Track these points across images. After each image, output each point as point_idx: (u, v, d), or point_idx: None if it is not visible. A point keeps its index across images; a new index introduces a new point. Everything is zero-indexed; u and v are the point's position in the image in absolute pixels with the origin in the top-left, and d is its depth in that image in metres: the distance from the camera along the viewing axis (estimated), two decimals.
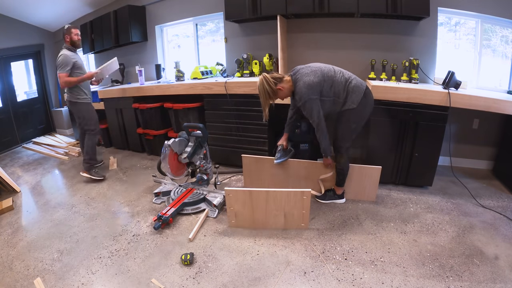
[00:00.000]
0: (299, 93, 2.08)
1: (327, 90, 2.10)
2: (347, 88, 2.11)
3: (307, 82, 2.05)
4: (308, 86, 2.05)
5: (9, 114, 4.78)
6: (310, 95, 2.05)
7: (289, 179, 2.65)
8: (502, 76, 2.96)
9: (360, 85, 2.14)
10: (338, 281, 1.64)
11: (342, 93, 2.11)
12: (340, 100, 2.13)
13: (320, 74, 2.08)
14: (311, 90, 2.05)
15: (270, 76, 2.13)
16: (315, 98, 2.07)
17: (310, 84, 2.05)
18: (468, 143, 3.14)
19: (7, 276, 1.78)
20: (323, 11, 2.87)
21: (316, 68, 2.12)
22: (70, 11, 4.76)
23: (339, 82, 2.10)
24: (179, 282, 1.68)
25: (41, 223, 2.39)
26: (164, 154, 2.45)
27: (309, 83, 2.05)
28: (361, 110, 2.15)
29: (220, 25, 3.89)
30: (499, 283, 1.58)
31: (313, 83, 2.05)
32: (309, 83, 2.05)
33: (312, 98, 2.06)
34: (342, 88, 2.11)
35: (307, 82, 2.05)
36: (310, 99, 2.06)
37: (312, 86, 2.05)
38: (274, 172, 2.67)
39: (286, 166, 2.62)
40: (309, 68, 2.13)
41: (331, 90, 2.10)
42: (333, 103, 2.15)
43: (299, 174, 2.60)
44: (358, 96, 2.11)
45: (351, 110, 2.14)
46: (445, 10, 2.87)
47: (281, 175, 2.66)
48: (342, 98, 2.12)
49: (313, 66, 2.16)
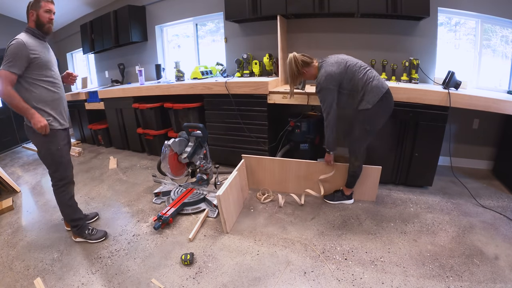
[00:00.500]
0: (318, 80, 2.13)
1: (347, 83, 2.09)
2: (366, 86, 2.07)
3: (327, 71, 2.08)
4: (328, 76, 2.07)
5: (9, 114, 4.78)
6: (328, 84, 2.07)
7: (288, 179, 2.65)
8: (502, 76, 2.96)
9: (381, 86, 2.09)
10: (338, 281, 1.64)
11: (360, 90, 2.09)
12: (357, 95, 2.11)
13: (343, 66, 2.08)
14: (329, 79, 2.07)
15: (300, 57, 2.16)
16: (333, 88, 2.09)
17: (330, 74, 2.07)
18: (468, 143, 3.14)
19: (7, 276, 1.78)
20: (323, 11, 2.87)
21: (341, 60, 2.12)
22: (70, 11, 4.76)
23: (360, 78, 2.08)
24: (179, 282, 1.68)
25: (41, 223, 2.39)
26: (164, 154, 2.45)
27: (329, 72, 2.07)
28: (376, 113, 2.10)
29: (220, 25, 3.89)
30: (499, 283, 1.58)
31: (333, 73, 2.06)
32: (329, 73, 2.07)
33: (329, 87, 2.08)
34: (362, 85, 2.08)
35: (328, 71, 2.08)
36: (326, 88, 2.09)
37: (332, 76, 2.07)
38: (274, 172, 2.67)
39: (286, 166, 2.62)
40: (335, 58, 2.14)
41: (350, 83, 2.10)
42: (351, 98, 2.14)
43: (299, 174, 2.60)
44: (375, 97, 2.06)
45: (366, 110, 2.10)
46: (445, 10, 2.87)
47: (281, 175, 2.66)
48: (359, 95, 2.10)
49: (340, 57, 2.17)
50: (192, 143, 2.58)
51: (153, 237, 2.11)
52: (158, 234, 2.15)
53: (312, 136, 3.09)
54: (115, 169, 3.53)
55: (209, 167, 2.67)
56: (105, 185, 3.08)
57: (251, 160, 2.70)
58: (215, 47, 4.12)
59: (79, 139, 4.84)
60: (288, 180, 2.65)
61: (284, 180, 2.67)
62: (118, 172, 3.43)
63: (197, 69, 3.63)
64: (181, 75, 3.67)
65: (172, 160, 2.53)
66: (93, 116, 4.55)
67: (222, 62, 3.83)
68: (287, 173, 2.64)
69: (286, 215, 2.34)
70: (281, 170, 2.65)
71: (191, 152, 2.53)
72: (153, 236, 2.12)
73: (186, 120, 3.43)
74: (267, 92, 2.93)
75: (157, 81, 3.98)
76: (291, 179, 2.64)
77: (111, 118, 4.20)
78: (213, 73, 3.84)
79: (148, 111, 3.72)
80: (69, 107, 4.74)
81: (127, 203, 2.66)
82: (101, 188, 3.02)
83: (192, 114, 3.47)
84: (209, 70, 3.80)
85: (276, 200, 2.53)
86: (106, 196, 2.82)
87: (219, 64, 3.80)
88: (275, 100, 2.94)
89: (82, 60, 5.67)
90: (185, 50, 4.40)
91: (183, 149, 2.58)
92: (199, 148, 2.60)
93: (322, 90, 2.11)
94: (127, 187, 3.01)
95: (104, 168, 3.58)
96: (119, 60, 4.66)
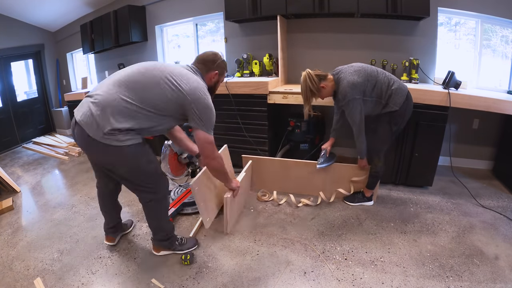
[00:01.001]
0: (343, 92, 2.05)
1: (370, 91, 2.07)
2: (390, 90, 2.07)
3: (351, 82, 2.02)
4: (352, 86, 2.01)
5: (9, 114, 4.78)
6: (354, 94, 2.02)
7: (290, 180, 2.64)
8: (502, 76, 2.96)
9: (403, 87, 2.10)
10: (338, 281, 1.64)
11: (385, 94, 2.07)
12: (382, 101, 2.09)
13: (363, 74, 2.05)
14: (355, 89, 2.02)
15: (313, 73, 2.09)
16: (358, 98, 2.04)
17: (354, 84, 2.01)
18: (468, 143, 3.14)
19: (7, 276, 1.78)
20: (323, 11, 2.87)
21: (360, 68, 2.09)
22: (70, 11, 4.76)
23: (382, 83, 2.07)
24: (179, 282, 1.67)
25: (41, 223, 2.39)
26: (164, 154, 2.45)
27: (353, 82, 2.01)
28: (403, 113, 2.11)
29: (220, 25, 3.89)
30: (499, 283, 1.58)
31: (357, 82, 2.02)
32: (353, 83, 2.01)
33: (355, 97, 2.03)
34: (385, 89, 2.07)
35: (351, 82, 2.02)
36: (354, 99, 2.03)
37: (356, 86, 2.02)
38: (276, 173, 2.66)
39: (287, 167, 2.61)
40: (352, 68, 2.10)
41: (373, 90, 2.07)
42: (375, 104, 2.11)
43: (300, 175, 2.60)
44: (401, 98, 2.07)
45: (393, 112, 2.10)
46: (445, 10, 2.87)
47: (283, 176, 2.65)
48: (384, 99, 2.09)
49: (356, 66, 2.13)
50: None
51: None
52: None
53: (312, 136, 3.09)
54: None
55: None
56: None
57: (251, 160, 2.69)
58: (215, 47, 4.12)
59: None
60: (289, 181, 2.65)
61: (285, 181, 2.66)
62: None
63: None
64: None
65: (172, 160, 2.52)
66: None
67: None
68: (288, 174, 2.63)
69: (286, 215, 2.33)
70: (283, 170, 2.64)
71: None
72: None
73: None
74: (267, 92, 2.93)
75: None
76: (291, 179, 2.64)
77: None
78: None
79: None
80: (69, 107, 4.81)
81: (127, 203, 2.66)
82: None
83: None
84: None
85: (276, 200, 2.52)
86: None
87: None
88: (275, 100, 2.94)
89: (82, 60, 5.67)
90: (185, 50, 4.39)
91: None
92: None
93: (351, 101, 2.03)
94: None
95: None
96: (119, 60, 4.66)
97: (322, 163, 2.45)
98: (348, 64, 2.17)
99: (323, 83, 2.12)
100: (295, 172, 2.60)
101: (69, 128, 5.44)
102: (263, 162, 2.68)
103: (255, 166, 2.71)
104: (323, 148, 2.51)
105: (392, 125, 2.15)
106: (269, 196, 2.60)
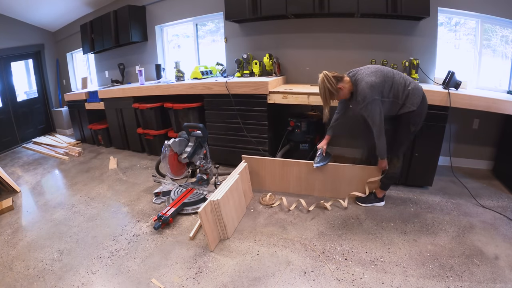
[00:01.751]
0: (362, 94, 2.02)
1: (387, 91, 2.06)
2: (406, 90, 2.06)
3: (369, 83, 2.00)
4: (371, 87, 2.00)
5: (9, 114, 4.78)
6: (373, 95, 2.01)
7: (290, 180, 2.64)
8: (502, 76, 2.96)
9: (419, 87, 2.11)
10: (338, 281, 1.64)
11: (401, 95, 2.07)
12: (399, 102, 2.09)
13: (380, 75, 2.05)
14: (373, 90, 2.01)
15: (330, 74, 2.08)
16: (377, 98, 2.03)
17: (372, 85, 2.00)
18: (468, 143, 3.14)
19: (7, 276, 1.78)
20: (323, 11, 2.87)
21: (376, 69, 2.09)
22: (70, 11, 4.76)
23: (399, 83, 2.07)
24: (179, 282, 1.67)
25: (41, 223, 2.39)
26: (164, 154, 2.45)
27: (371, 83, 2.00)
28: (420, 113, 2.11)
29: (220, 25, 3.89)
30: (499, 283, 1.58)
31: (375, 83, 2.01)
32: (372, 84, 2.00)
33: (375, 98, 2.02)
34: (402, 90, 2.07)
35: (370, 83, 2.00)
36: (374, 100, 2.01)
37: (374, 87, 2.01)
38: (275, 173, 2.66)
39: (289, 167, 2.61)
40: (369, 69, 2.09)
41: (390, 91, 2.07)
42: (392, 105, 2.11)
43: (300, 175, 2.60)
44: (418, 98, 2.07)
45: (411, 112, 2.09)
46: (445, 10, 2.87)
47: (282, 176, 2.66)
48: (401, 100, 2.08)
49: (371, 67, 2.12)
50: (192, 143, 2.58)
51: (153, 237, 2.11)
52: (158, 234, 2.15)
53: (312, 136, 3.09)
54: (115, 169, 3.53)
55: (209, 167, 2.67)
56: (105, 185, 3.08)
57: (251, 161, 2.69)
58: (215, 47, 4.12)
59: (79, 139, 4.84)
60: (289, 182, 2.65)
61: (285, 182, 2.66)
62: (118, 172, 3.43)
63: (197, 69, 3.63)
64: (181, 75, 3.67)
65: (172, 160, 2.53)
66: (93, 116, 4.55)
67: (222, 62, 3.83)
68: (289, 175, 2.63)
69: (286, 215, 2.33)
70: (283, 171, 2.64)
71: (191, 152, 2.53)
72: (153, 236, 2.12)
73: (186, 120, 3.43)
74: (267, 92, 2.93)
75: (157, 81, 3.98)
76: (291, 180, 2.64)
77: (111, 118, 4.20)
78: (213, 73, 3.84)
79: (148, 111, 3.72)
80: (69, 107, 4.82)
81: (127, 203, 2.66)
82: (101, 188, 3.02)
83: (192, 114, 3.48)
84: (209, 70, 3.80)
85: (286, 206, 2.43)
86: (106, 196, 2.82)
87: (219, 64, 3.80)
88: (275, 100, 2.94)
89: (82, 60, 5.67)
90: (185, 50, 4.40)
91: (183, 149, 2.58)
92: (199, 148, 2.60)
93: (370, 103, 2.00)
94: (127, 187, 3.01)
95: (104, 168, 3.58)
96: (119, 60, 4.66)
97: (319, 162, 2.45)
98: (364, 66, 2.17)
99: (341, 84, 2.10)
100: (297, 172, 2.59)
101: (69, 128, 5.44)
102: (263, 162, 2.67)
103: (255, 167, 2.69)
104: (319, 148, 2.50)
105: (411, 125, 2.15)
106: (271, 198, 2.55)
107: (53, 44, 5.53)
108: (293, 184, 2.65)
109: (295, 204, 2.43)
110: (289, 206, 2.40)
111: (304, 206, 2.36)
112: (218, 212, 1.96)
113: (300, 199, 2.42)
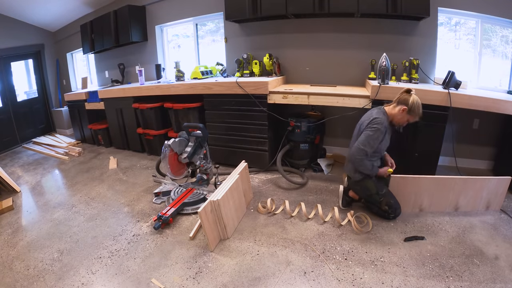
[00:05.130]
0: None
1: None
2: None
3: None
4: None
5: (9, 114, 4.78)
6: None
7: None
8: (502, 76, 2.96)
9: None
10: (338, 281, 1.64)
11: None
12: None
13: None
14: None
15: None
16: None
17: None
18: (468, 143, 3.14)
19: (7, 276, 1.78)
20: (323, 11, 2.87)
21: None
22: (70, 11, 4.76)
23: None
24: (179, 282, 1.67)
25: (41, 223, 2.39)
26: (164, 154, 2.45)
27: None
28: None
29: (220, 25, 3.89)
30: (499, 283, 1.58)
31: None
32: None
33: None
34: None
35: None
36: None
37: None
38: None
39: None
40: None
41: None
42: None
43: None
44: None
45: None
46: (445, 10, 2.87)
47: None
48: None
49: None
50: (192, 143, 2.58)
51: (153, 237, 2.11)
52: (158, 234, 2.15)
53: (312, 136, 3.09)
54: (115, 169, 3.53)
55: (209, 167, 2.67)
56: (105, 185, 3.08)
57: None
58: (215, 47, 4.12)
59: (79, 139, 4.84)
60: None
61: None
62: (118, 172, 3.43)
63: (197, 69, 3.63)
64: (181, 75, 3.67)
65: (172, 160, 2.53)
66: (93, 116, 4.55)
67: (222, 62, 3.83)
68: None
69: (286, 215, 2.33)
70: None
71: (191, 152, 2.53)
72: (153, 236, 2.12)
73: (186, 120, 3.43)
74: (267, 92, 2.93)
75: (157, 81, 3.97)
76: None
77: (111, 118, 4.20)
78: (213, 73, 3.84)
79: (148, 111, 3.72)
80: (69, 107, 4.82)
81: (127, 203, 2.66)
82: (101, 188, 3.02)
83: (192, 114, 3.47)
84: (209, 70, 3.80)
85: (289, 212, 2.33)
86: (106, 196, 2.82)
87: (219, 64, 3.80)
88: (275, 100, 2.95)
89: (82, 60, 5.67)
90: (185, 50, 4.39)
91: (183, 149, 2.58)
92: (199, 148, 2.60)
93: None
94: (127, 187, 3.01)
95: (104, 168, 3.58)
96: (119, 60, 4.66)
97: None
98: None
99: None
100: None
101: (69, 128, 5.44)
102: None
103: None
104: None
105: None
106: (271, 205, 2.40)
107: (53, 44, 5.53)
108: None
109: (297, 209, 2.34)
110: (291, 213, 2.32)
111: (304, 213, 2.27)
112: (218, 212, 1.96)
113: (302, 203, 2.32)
